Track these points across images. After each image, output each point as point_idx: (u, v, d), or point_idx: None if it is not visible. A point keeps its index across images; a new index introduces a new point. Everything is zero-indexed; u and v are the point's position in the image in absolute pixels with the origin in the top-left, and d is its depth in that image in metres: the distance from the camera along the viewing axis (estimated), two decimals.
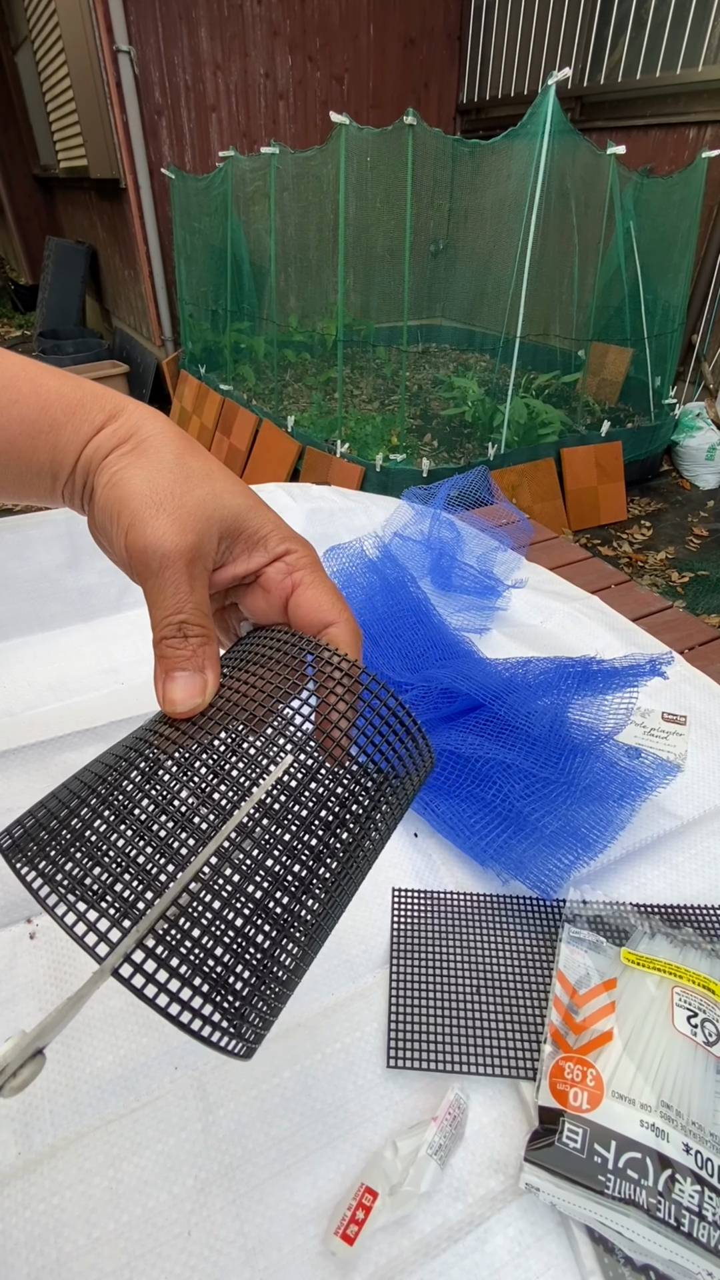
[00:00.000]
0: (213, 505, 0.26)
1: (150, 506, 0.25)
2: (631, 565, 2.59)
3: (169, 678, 0.25)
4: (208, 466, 0.27)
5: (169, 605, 0.25)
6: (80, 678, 0.66)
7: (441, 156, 2.68)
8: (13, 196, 5.70)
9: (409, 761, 0.26)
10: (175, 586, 0.25)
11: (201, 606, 0.26)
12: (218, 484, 0.27)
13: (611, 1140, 0.32)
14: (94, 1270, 0.31)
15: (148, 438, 0.26)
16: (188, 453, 0.27)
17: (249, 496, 0.28)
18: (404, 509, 0.88)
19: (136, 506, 0.25)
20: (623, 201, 2.63)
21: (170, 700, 0.25)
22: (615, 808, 0.48)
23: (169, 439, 0.27)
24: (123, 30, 3.30)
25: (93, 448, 0.26)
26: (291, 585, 0.28)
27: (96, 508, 0.26)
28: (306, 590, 0.28)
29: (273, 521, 0.28)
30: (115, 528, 0.25)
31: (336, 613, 0.28)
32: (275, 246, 3.01)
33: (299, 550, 0.28)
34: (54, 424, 0.26)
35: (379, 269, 2.93)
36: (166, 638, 0.25)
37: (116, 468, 0.26)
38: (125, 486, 0.25)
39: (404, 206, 2.48)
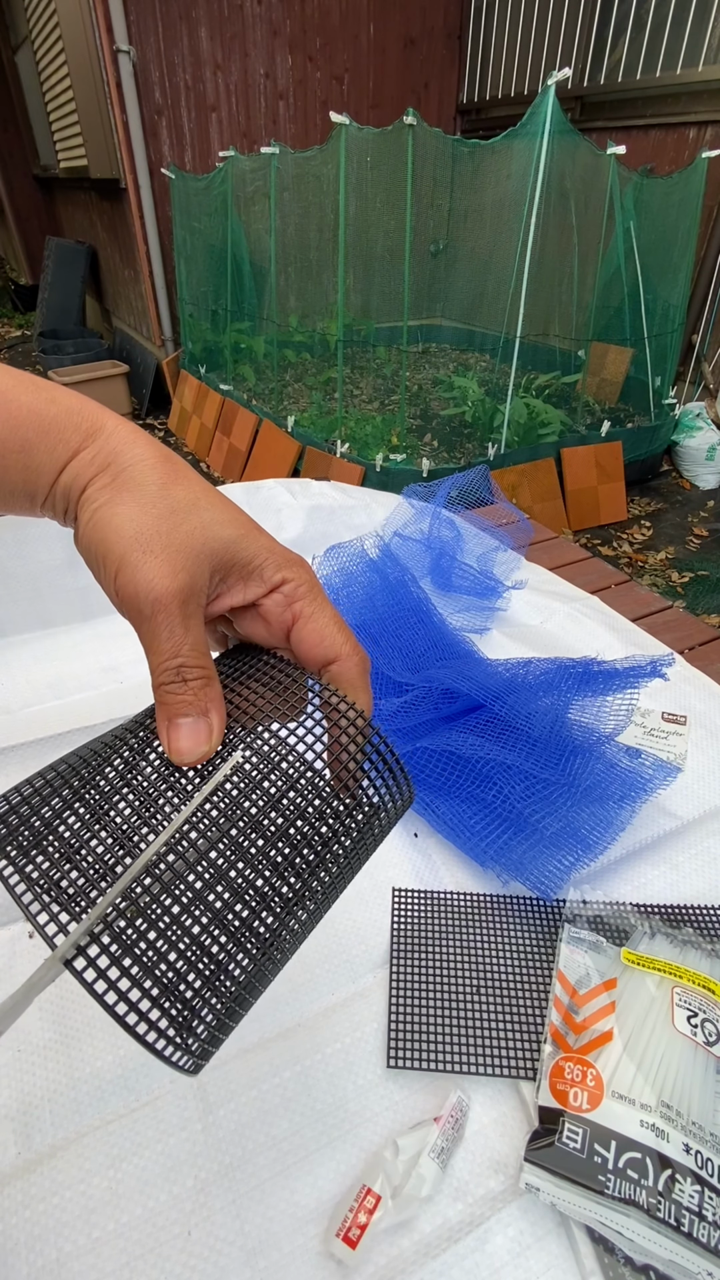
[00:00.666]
0: (202, 539, 0.25)
1: (137, 548, 0.24)
2: (631, 565, 2.59)
3: (173, 725, 0.24)
4: (193, 495, 0.26)
5: (165, 650, 0.24)
6: (79, 676, 0.66)
7: (441, 156, 2.68)
8: (13, 196, 5.70)
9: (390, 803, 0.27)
10: (170, 630, 0.24)
11: (199, 646, 0.25)
12: (205, 514, 0.25)
13: (611, 1140, 0.32)
14: (94, 1270, 0.31)
15: (128, 466, 0.25)
16: (172, 480, 0.25)
17: (239, 524, 0.26)
18: (404, 507, 0.88)
19: (123, 549, 0.24)
20: (623, 201, 2.63)
21: (177, 750, 0.24)
22: (615, 809, 0.48)
23: (151, 465, 0.25)
24: (123, 30, 3.30)
25: (71, 474, 0.25)
26: (292, 616, 0.27)
27: (81, 544, 0.25)
28: (308, 623, 0.27)
29: (266, 548, 0.27)
30: (103, 572, 0.24)
31: (339, 646, 0.27)
32: (275, 246, 3.01)
33: (296, 577, 0.27)
34: (25, 444, 0.25)
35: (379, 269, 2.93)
36: (165, 683, 0.24)
37: (98, 503, 0.25)
38: (109, 526, 0.24)
39: (404, 206, 2.48)
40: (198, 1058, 0.21)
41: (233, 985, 0.22)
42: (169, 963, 0.21)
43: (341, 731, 0.26)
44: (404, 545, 0.81)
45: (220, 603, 0.26)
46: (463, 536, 0.85)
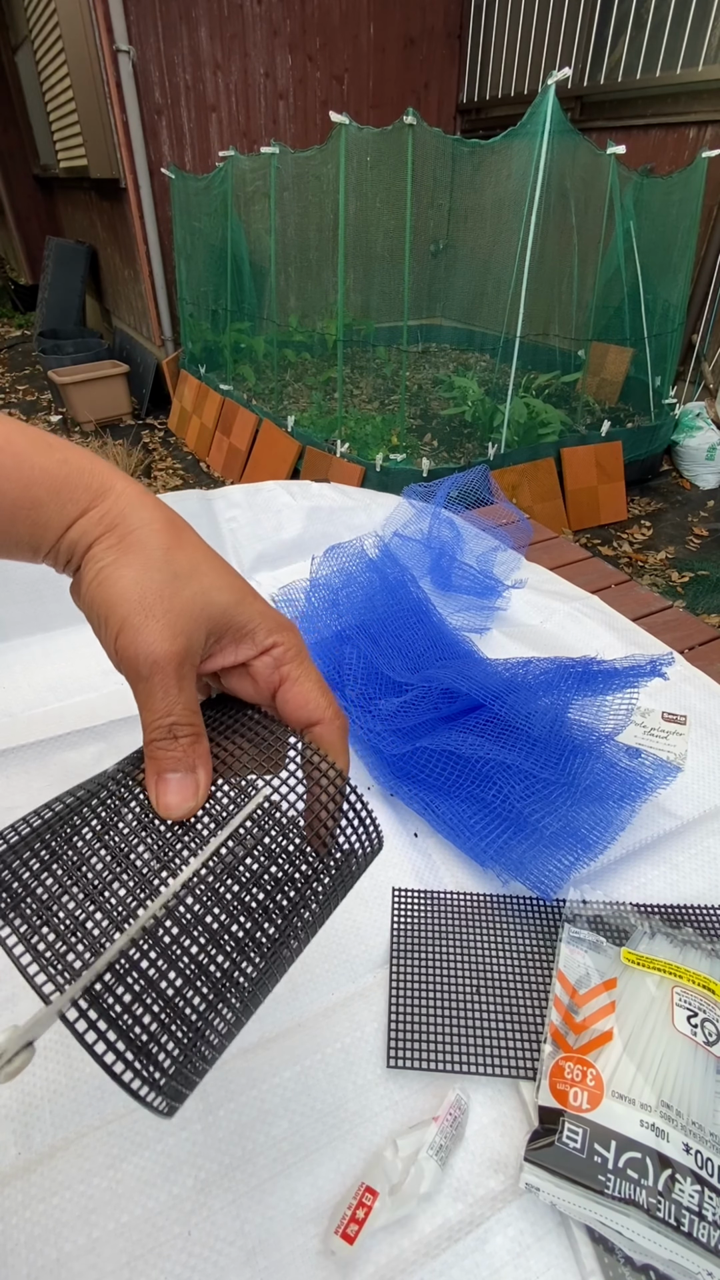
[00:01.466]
0: (201, 604, 0.26)
1: (140, 612, 0.25)
2: (631, 565, 2.59)
3: (161, 779, 0.26)
4: (194, 561, 0.27)
5: (159, 709, 0.25)
6: (80, 678, 0.66)
7: (441, 156, 2.68)
8: (13, 196, 5.70)
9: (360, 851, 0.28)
10: (165, 691, 0.25)
11: (190, 705, 0.26)
12: (206, 580, 0.27)
13: (611, 1140, 0.32)
14: (94, 1270, 0.31)
15: (135, 528, 0.26)
16: (175, 545, 0.27)
17: (236, 590, 0.28)
18: (404, 507, 0.88)
19: (125, 612, 0.25)
20: (623, 201, 2.63)
21: (165, 805, 0.25)
22: (615, 808, 0.48)
23: (157, 530, 0.27)
24: (123, 30, 3.30)
25: (78, 532, 0.26)
26: (279, 679, 0.28)
27: (84, 600, 0.27)
28: (294, 686, 0.28)
29: (260, 613, 0.28)
30: (104, 630, 0.26)
31: (323, 710, 0.28)
32: (275, 246, 3.01)
33: (285, 641, 0.28)
34: (35, 502, 0.26)
35: (379, 269, 2.93)
36: (157, 739, 0.26)
37: (103, 563, 0.26)
38: (113, 587, 0.25)
39: (404, 206, 2.48)
40: (171, 1099, 0.22)
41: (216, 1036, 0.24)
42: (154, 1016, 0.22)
43: (322, 790, 0.27)
44: (404, 545, 0.81)
45: (213, 662, 0.28)
46: (462, 536, 0.85)
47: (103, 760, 0.57)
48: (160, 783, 0.25)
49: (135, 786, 0.27)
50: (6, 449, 0.26)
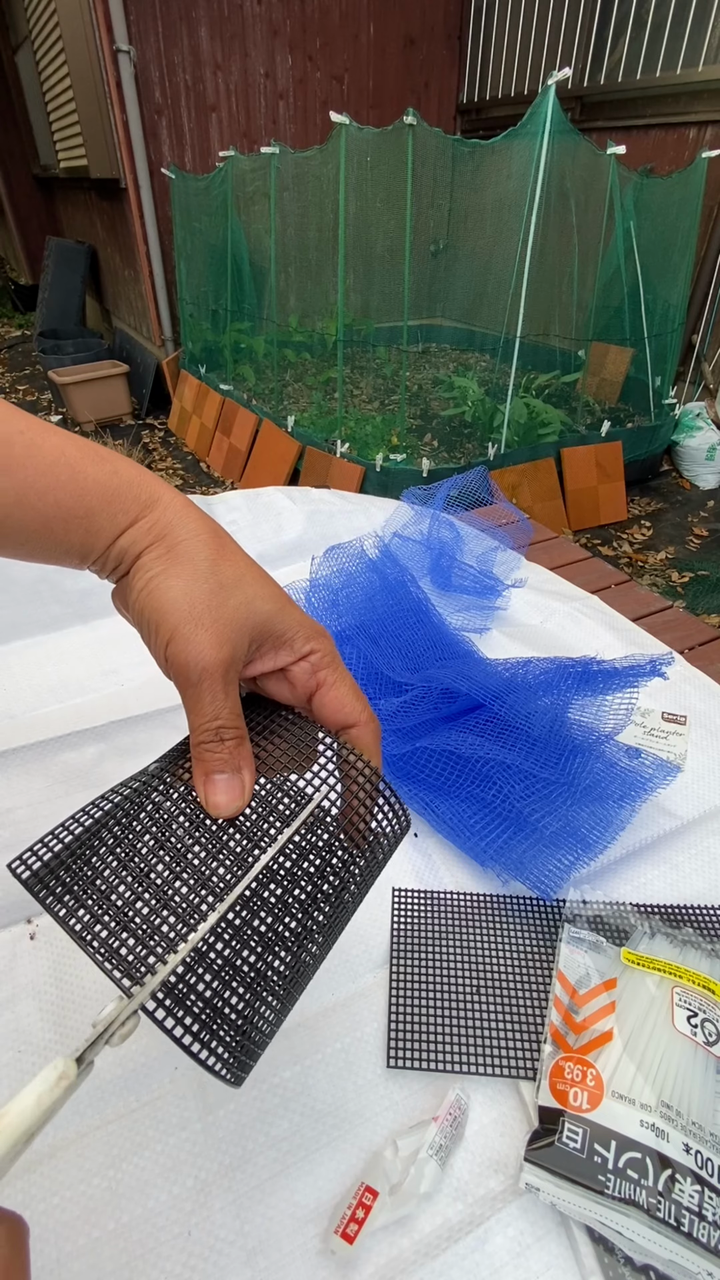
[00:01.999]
0: (245, 613, 0.28)
1: (189, 621, 0.26)
2: (631, 565, 2.59)
3: (209, 780, 0.27)
4: (239, 572, 0.28)
5: (207, 713, 0.27)
6: (80, 679, 0.66)
7: (441, 156, 2.68)
8: (13, 196, 5.70)
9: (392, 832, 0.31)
10: (213, 696, 0.27)
11: (235, 709, 0.28)
12: (249, 590, 0.28)
13: (611, 1140, 0.32)
14: (94, 1270, 0.31)
15: (181, 541, 0.28)
16: (220, 557, 0.28)
17: (277, 599, 0.29)
18: (403, 509, 0.88)
19: (176, 621, 0.26)
20: (623, 201, 2.63)
21: (214, 805, 0.27)
22: (615, 808, 0.48)
23: (204, 541, 0.28)
24: (123, 30, 3.30)
25: (128, 540, 0.28)
26: (316, 684, 0.30)
27: (133, 608, 0.28)
28: (331, 690, 0.30)
29: (298, 621, 0.30)
30: (155, 638, 0.27)
31: (358, 713, 0.30)
32: (275, 246, 3.01)
33: (322, 648, 0.30)
34: (88, 511, 0.27)
35: (379, 269, 2.93)
36: (204, 742, 0.27)
37: (152, 573, 0.27)
38: (163, 596, 0.27)
39: (404, 206, 2.48)
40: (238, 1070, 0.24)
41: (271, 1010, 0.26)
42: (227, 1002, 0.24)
43: (359, 789, 0.29)
44: (404, 546, 0.81)
45: (253, 667, 0.30)
46: (462, 537, 0.85)
47: (103, 761, 0.57)
48: (209, 783, 0.27)
49: (181, 786, 0.28)
50: (61, 460, 0.27)
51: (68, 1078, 0.21)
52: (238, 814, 0.27)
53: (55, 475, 0.27)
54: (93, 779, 0.56)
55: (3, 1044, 0.40)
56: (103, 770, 0.57)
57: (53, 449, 0.27)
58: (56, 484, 0.26)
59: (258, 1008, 0.25)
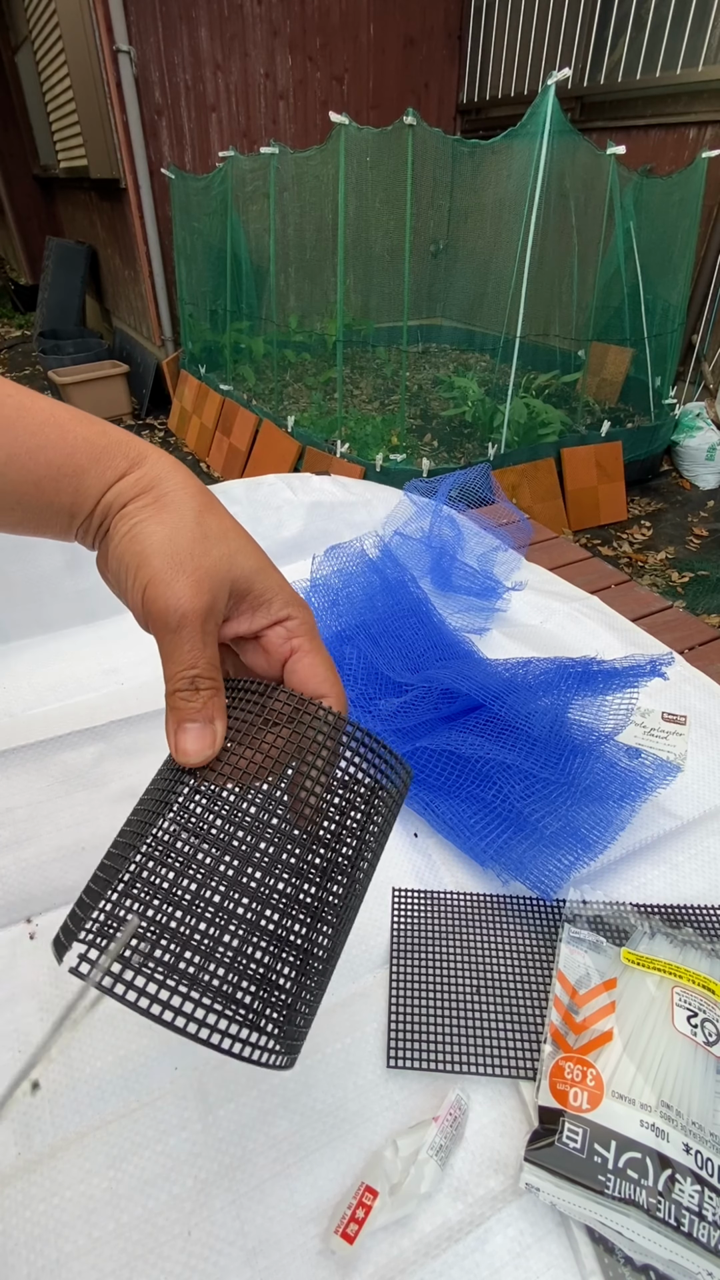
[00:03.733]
0: (227, 566, 0.27)
1: (171, 566, 0.26)
2: (631, 565, 2.59)
3: (181, 728, 0.27)
4: (224, 526, 0.28)
5: (184, 660, 0.27)
6: (80, 678, 0.66)
7: (441, 156, 2.68)
8: (13, 196, 5.70)
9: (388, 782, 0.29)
10: (191, 644, 0.26)
11: (213, 661, 0.27)
12: (233, 544, 0.28)
13: (611, 1140, 0.32)
14: (94, 1270, 0.31)
15: (169, 491, 0.28)
16: (206, 510, 0.28)
17: (260, 558, 0.29)
18: (405, 504, 0.88)
19: (157, 565, 0.26)
20: (623, 201, 2.63)
21: (184, 751, 0.27)
22: (615, 808, 0.48)
23: (190, 494, 0.28)
24: (123, 30, 3.30)
25: (114, 494, 0.27)
26: (290, 650, 0.30)
27: (111, 555, 0.28)
28: (303, 658, 0.30)
29: (278, 584, 0.30)
30: (132, 581, 0.27)
31: (329, 686, 0.30)
32: (275, 246, 3.01)
33: (299, 617, 0.30)
34: (78, 469, 0.27)
35: (379, 269, 2.93)
36: (179, 689, 0.27)
37: (137, 519, 0.27)
38: (145, 541, 0.26)
39: (404, 206, 2.48)
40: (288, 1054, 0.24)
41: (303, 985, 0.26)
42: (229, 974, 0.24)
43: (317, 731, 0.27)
44: (404, 544, 0.81)
45: (230, 626, 0.29)
46: (463, 535, 0.85)
47: (103, 760, 0.57)
48: (180, 731, 0.27)
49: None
50: (51, 421, 0.27)
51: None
52: (206, 763, 0.27)
53: (45, 435, 0.27)
54: (92, 779, 0.56)
55: (3, 1043, 0.40)
56: (103, 770, 0.57)
57: (42, 410, 0.27)
58: (47, 443, 0.26)
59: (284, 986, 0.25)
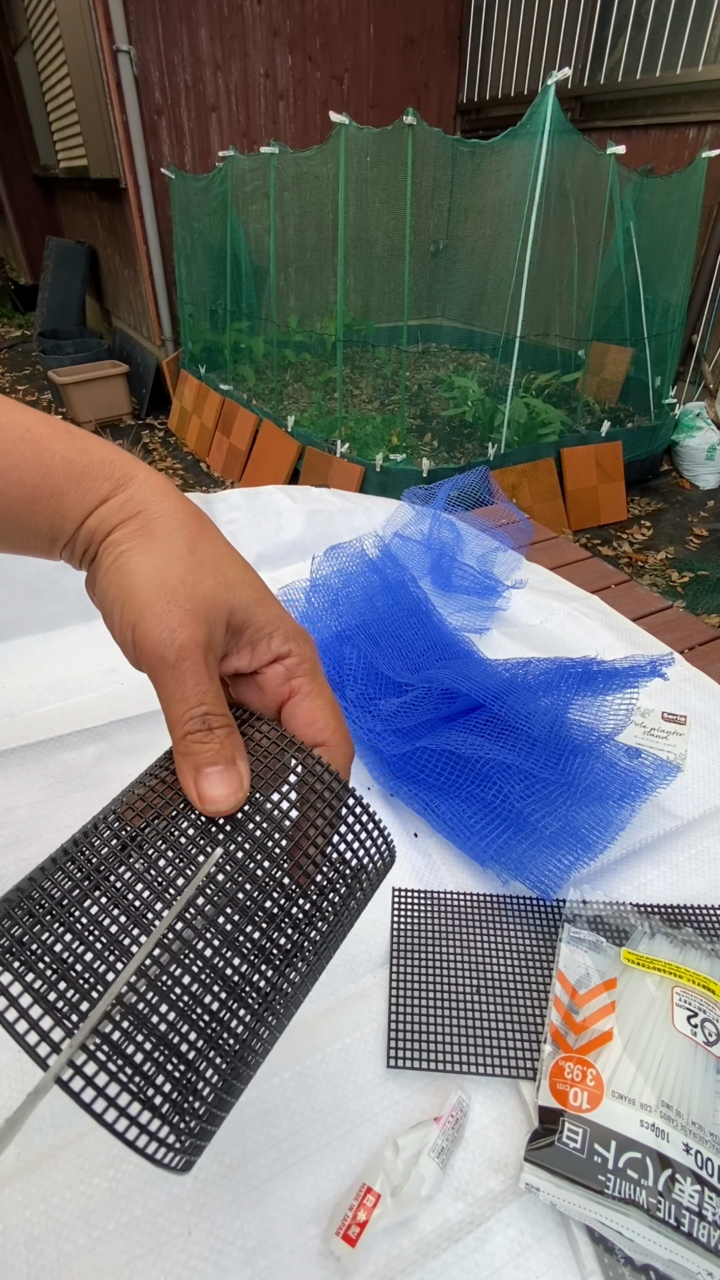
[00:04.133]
0: (224, 596, 0.25)
1: (163, 598, 0.24)
2: (631, 565, 2.59)
3: (202, 775, 0.24)
4: (218, 553, 0.26)
5: (191, 698, 0.24)
6: (80, 678, 0.66)
7: (441, 156, 2.68)
8: (13, 196, 5.70)
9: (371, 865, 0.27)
10: (196, 678, 0.24)
11: (221, 696, 0.25)
12: (228, 573, 0.26)
13: (611, 1140, 0.32)
14: (94, 1270, 0.31)
15: (157, 517, 0.25)
16: (199, 537, 0.26)
17: (258, 588, 0.27)
18: (404, 509, 0.88)
19: (147, 597, 0.24)
20: (623, 201, 2.63)
21: (210, 799, 0.24)
22: (615, 808, 0.48)
23: (181, 519, 0.26)
24: (123, 30, 3.30)
25: (97, 519, 0.25)
26: (289, 691, 0.27)
27: (99, 586, 0.25)
28: (304, 701, 0.27)
29: (278, 616, 0.27)
30: (120, 616, 0.24)
31: (330, 732, 0.27)
32: (275, 246, 3.01)
33: (300, 652, 0.27)
34: (56, 491, 0.25)
35: (379, 269, 2.93)
36: (191, 732, 0.24)
37: (123, 548, 0.25)
38: (134, 574, 0.24)
39: (404, 206, 2.48)
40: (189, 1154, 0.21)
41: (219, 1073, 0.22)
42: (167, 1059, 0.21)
43: (325, 804, 0.25)
44: (404, 546, 0.81)
45: (226, 664, 0.26)
46: (463, 538, 0.85)
47: (103, 761, 0.57)
48: (201, 778, 0.24)
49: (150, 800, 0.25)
50: (27, 437, 0.25)
51: None
52: (238, 809, 0.24)
53: (19, 453, 0.25)
54: (92, 779, 0.56)
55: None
56: (102, 770, 0.57)
57: (17, 425, 0.25)
58: (20, 461, 0.24)
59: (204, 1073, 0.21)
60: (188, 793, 0.24)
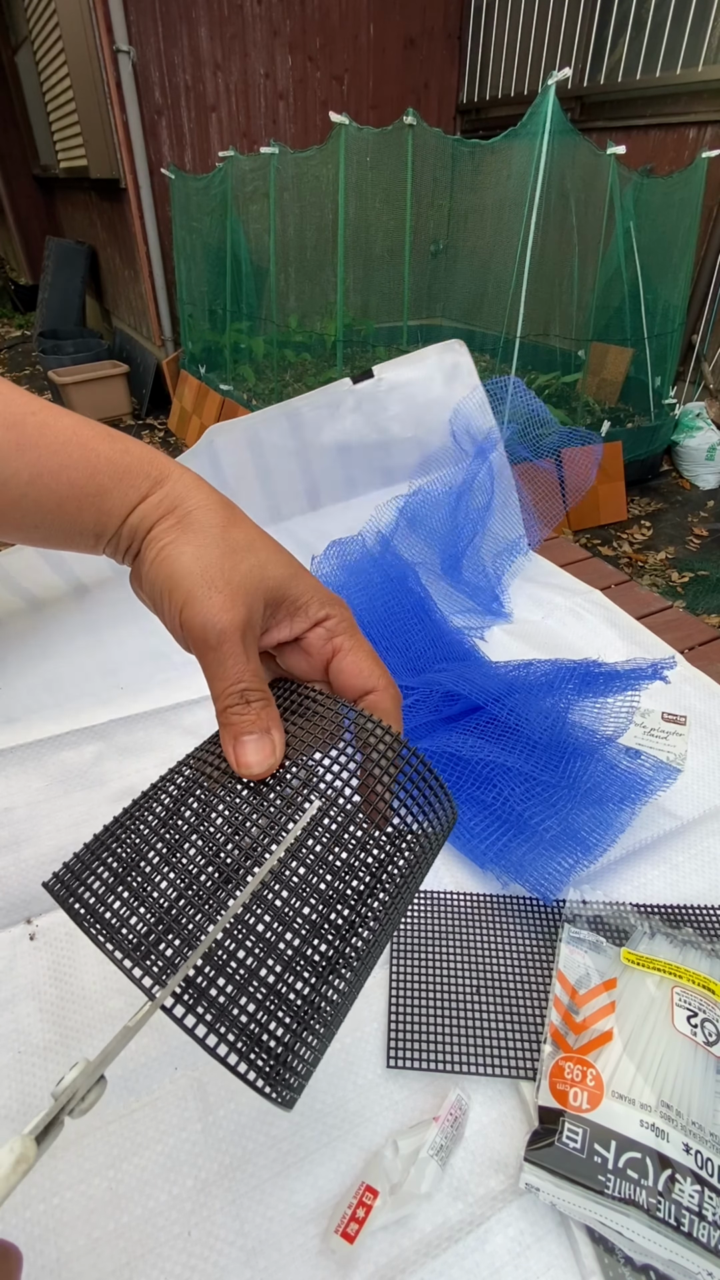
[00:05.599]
0: (259, 577, 0.27)
1: (203, 585, 0.26)
2: (631, 565, 2.59)
3: (239, 743, 0.26)
4: (250, 537, 0.28)
5: (230, 676, 0.26)
6: (79, 678, 0.66)
7: (441, 156, 2.68)
8: (13, 196, 5.70)
9: (438, 822, 0.28)
10: (235, 659, 0.26)
11: (259, 672, 0.27)
12: (261, 554, 0.28)
13: (611, 1140, 0.32)
14: (94, 1270, 0.31)
15: (192, 510, 0.28)
16: (231, 524, 0.28)
17: (290, 564, 0.29)
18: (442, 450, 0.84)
19: (189, 585, 0.26)
20: (623, 201, 2.63)
21: (245, 764, 0.26)
22: (615, 811, 0.48)
23: (213, 510, 0.28)
24: (123, 30, 3.30)
25: (139, 515, 0.27)
26: (332, 650, 0.29)
27: (145, 579, 0.28)
28: (347, 656, 0.29)
29: (312, 586, 0.29)
30: (168, 604, 0.27)
31: (376, 679, 0.29)
32: (275, 246, 3.01)
33: (337, 615, 0.30)
34: (101, 489, 0.27)
35: (379, 269, 2.93)
36: (230, 705, 0.27)
37: (164, 541, 0.27)
38: (176, 563, 0.27)
39: (404, 206, 2.49)
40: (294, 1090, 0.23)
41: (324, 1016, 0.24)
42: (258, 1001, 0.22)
43: (372, 750, 0.27)
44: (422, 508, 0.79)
45: (270, 636, 0.29)
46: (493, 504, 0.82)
47: (102, 760, 0.57)
48: (239, 745, 0.26)
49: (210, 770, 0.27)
50: (74, 440, 0.27)
51: (26, 1160, 0.19)
52: (269, 773, 0.26)
53: (68, 454, 0.27)
54: (91, 778, 0.56)
55: (3, 1044, 0.40)
56: (101, 769, 0.57)
57: (64, 429, 0.27)
58: (70, 463, 0.26)
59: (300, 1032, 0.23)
60: (228, 758, 0.27)
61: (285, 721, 0.28)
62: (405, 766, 0.27)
